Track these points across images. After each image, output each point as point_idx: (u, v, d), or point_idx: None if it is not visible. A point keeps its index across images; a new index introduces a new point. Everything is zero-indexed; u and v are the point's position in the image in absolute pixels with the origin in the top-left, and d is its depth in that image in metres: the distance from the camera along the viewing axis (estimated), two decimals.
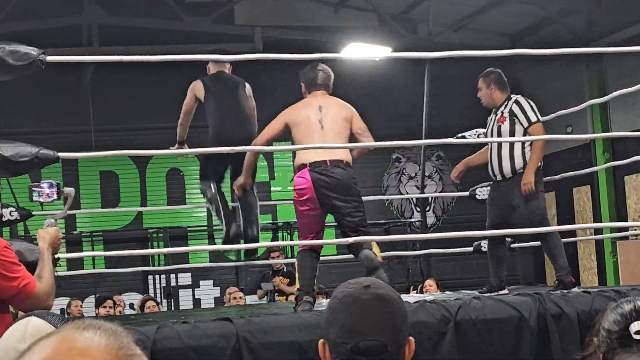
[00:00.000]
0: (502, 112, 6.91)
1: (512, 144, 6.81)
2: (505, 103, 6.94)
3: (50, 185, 4.94)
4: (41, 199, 4.92)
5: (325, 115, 6.26)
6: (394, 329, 2.10)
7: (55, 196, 4.91)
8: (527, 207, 6.71)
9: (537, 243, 7.17)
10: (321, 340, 2.16)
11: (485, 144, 7.27)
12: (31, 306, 3.77)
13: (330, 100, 6.43)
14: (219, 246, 6.88)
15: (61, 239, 4.40)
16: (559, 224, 13.23)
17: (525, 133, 6.82)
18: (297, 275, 6.18)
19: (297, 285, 6.11)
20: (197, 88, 7.21)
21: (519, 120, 6.80)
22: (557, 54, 6.79)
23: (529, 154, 6.80)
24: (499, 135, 6.91)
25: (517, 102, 6.89)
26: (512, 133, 6.84)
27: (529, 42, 13.09)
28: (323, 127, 6.21)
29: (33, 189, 4.93)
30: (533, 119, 6.79)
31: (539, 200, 6.81)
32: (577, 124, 13.43)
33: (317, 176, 6.03)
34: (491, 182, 7.24)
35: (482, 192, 7.96)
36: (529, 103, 6.88)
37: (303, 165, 6.13)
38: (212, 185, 7.17)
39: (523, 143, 6.81)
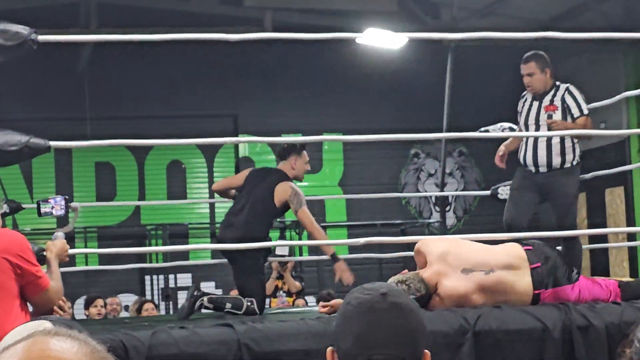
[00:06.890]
0: (552, 100, 6.90)
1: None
2: (554, 90, 6.94)
3: (59, 199, 5.41)
4: (53, 211, 5.38)
5: None
6: (413, 342, 2.07)
7: (63, 210, 5.37)
8: (564, 207, 6.74)
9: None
10: (330, 348, 2.14)
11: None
12: (43, 301, 4.40)
13: None
14: (222, 245, 6.87)
15: (67, 251, 4.97)
16: (589, 228, 13.19)
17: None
18: None
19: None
20: None
21: (571, 111, 6.83)
22: (592, 38, 6.76)
23: (576, 146, 6.85)
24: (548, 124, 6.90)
25: (569, 91, 6.91)
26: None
27: (562, 29, 12.99)
28: None
29: (42, 202, 5.38)
30: (585, 110, 6.83)
31: (575, 204, 6.86)
32: (611, 119, 13.35)
33: None
34: (519, 175, 7.18)
35: (505, 191, 7.94)
36: (580, 94, 6.92)
37: None
38: None
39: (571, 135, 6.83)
